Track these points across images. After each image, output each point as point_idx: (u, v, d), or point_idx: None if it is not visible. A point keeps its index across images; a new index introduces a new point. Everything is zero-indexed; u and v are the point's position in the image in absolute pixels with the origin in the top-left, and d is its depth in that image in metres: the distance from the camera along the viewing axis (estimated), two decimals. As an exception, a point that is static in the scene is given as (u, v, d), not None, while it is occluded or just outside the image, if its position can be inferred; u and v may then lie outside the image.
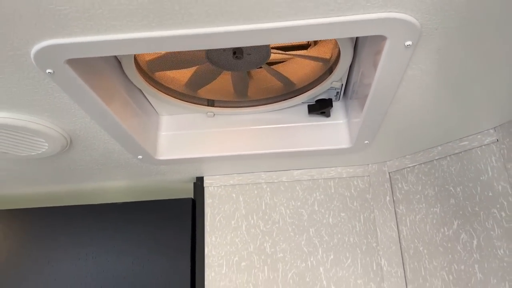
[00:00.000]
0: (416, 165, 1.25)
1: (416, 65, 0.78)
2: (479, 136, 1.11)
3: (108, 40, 0.65)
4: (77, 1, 0.57)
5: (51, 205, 1.40)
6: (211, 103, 1.19)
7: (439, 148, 1.19)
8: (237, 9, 0.60)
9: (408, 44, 0.69)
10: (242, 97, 1.18)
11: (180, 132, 1.21)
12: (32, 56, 0.69)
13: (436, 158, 1.20)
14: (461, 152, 1.15)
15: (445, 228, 1.15)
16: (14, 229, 1.35)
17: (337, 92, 1.14)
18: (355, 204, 1.31)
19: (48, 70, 0.73)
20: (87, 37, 0.65)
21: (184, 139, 1.20)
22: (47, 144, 0.99)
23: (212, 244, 1.31)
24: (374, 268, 1.24)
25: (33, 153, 1.04)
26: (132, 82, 1.00)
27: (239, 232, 1.31)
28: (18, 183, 1.33)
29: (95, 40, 0.65)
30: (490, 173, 1.08)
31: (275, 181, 1.36)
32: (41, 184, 1.36)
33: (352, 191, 1.33)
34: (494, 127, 1.09)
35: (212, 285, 1.26)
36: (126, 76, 0.97)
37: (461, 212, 1.13)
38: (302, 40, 0.68)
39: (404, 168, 1.28)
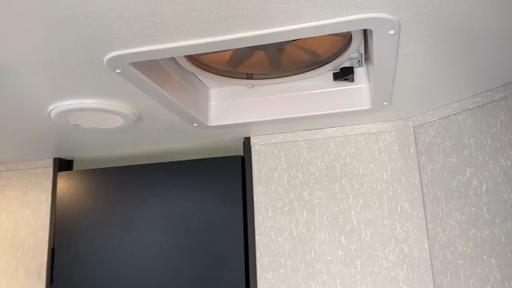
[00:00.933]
0: (436, 119, 1.39)
1: (406, 45, 0.93)
2: (490, 93, 1.22)
3: (156, 50, 0.88)
4: (133, 27, 0.80)
5: (131, 164, 1.72)
6: (250, 76, 1.40)
7: (456, 104, 1.32)
8: (265, 19, 0.80)
9: (391, 32, 0.85)
10: (276, 69, 1.37)
11: (226, 101, 1.44)
12: (105, 62, 0.94)
13: (453, 113, 1.33)
14: (474, 107, 1.27)
15: (460, 176, 1.30)
16: (104, 184, 1.70)
17: (359, 60, 1.29)
18: (382, 156, 1.49)
19: (117, 70, 0.98)
20: (141, 48, 0.88)
21: (231, 107, 1.44)
22: (122, 120, 1.28)
23: (259, 192, 1.57)
24: (399, 211, 1.43)
25: (112, 127, 1.33)
26: (183, 67, 1.23)
27: (281, 183, 1.56)
28: (105, 147, 1.66)
29: (147, 50, 0.88)
30: (499, 126, 1.20)
31: (311, 138, 1.56)
32: (122, 148, 1.68)
33: (380, 144, 1.50)
34: (504, 84, 1.19)
35: (260, 225, 1.53)
36: (178, 63, 1.21)
37: (473, 162, 1.27)
38: (310, 36, 0.86)
39: (426, 123, 1.42)
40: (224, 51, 1.25)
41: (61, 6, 0.73)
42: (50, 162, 1.77)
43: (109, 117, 1.25)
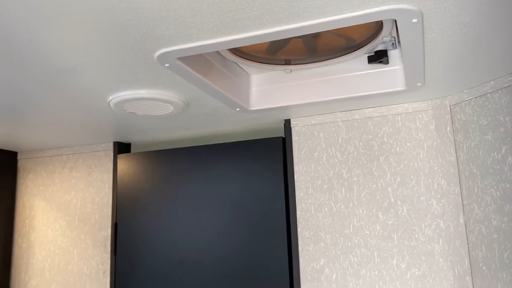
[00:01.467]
0: (472, 98, 1.41)
1: (432, 31, 0.97)
2: (525, 71, 1.23)
3: (198, 46, 0.99)
4: (177, 27, 0.91)
5: (182, 146, 1.87)
6: (288, 62, 1.48)
7: (491, 83, 1.33)
8: (293, 15, 0.88)
9: (414, 21, 0.90)
10: (313, 54, 1.44)
11: (266, 87, 1.53)
12: (155, 58, 1.06)
13: (489, 91, 1.34)
14: (510, 86, 1.28)
15: (495, 153, 1.33)
16: (158, 164, 1.86)
17: (392, 43, 1.34)
18: (419, 134, 1.53)
19: (166, 65, 1.10)
20: (185, 45, 0.99)
21: (271, 91, 1.53)
22: (172, 107, 1.41)
23: (299, 171, 1.66)
24: (435, 188, 1.48)
25: (163, 113, 1.47)
26: (225, 57, 1.34)
27: (320, 162, 1.64)
28: (158, 132, 1.82)
29: (190, 46, 0.99)
30: (535, 104, 1.21)
31: (349, 119, 1.63)
32: (173, 132, 1.83)
33: (417, 123, 1.54)
34: (539, 62, 1.20)
35: (301, 202, 1.64)
36: (220, 54, 1.31)
37: (508, 139, 1.29)
38: (336, 27, 0.93)
39: (462, 102, 1.44)
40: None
41: (116, 13, 0.85)
42: (111, 146, 1.96)
43: (160, 105, 1.39)
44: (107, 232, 1.89)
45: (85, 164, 2.00)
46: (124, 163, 1.89)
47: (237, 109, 1.53)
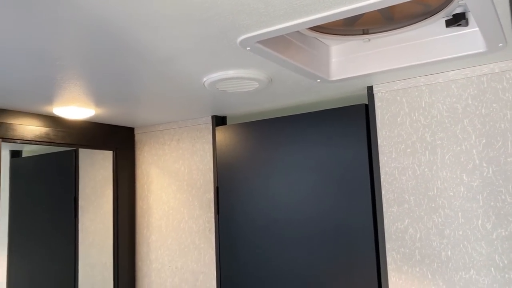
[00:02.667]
0: None
1: (500, -5, 0.98)
2: None
3: (272, 30, 1.11)
4: (253, 17, 1.05)
5: (270, 117, 2.03)
6: (365, 31, 1.53)
7: None
8: None
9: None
10: (390, 22, 1.48)
11: (346, 57, 1.61)
12: (238, 43, 1.21)
13: None
14: None
15: None
16: (250, 134, 2.05)
17: (471, 4, 1.32)
18: (506, 95, 1.49)
19: (247, 48, 1.25)
20: (261, 31, 1.13)
21: (350, 61, 1.60)
22: (257, 84, 1.57)
23: (383, 136, 1.72)
24: (524, 149, 1.45)
25: (250, 89, 1.63)
26: (303, 34, 1.44)
27: (403, 126, 1.68)
28: (248, 105, 2.00)
29: (265, 31, 1.12)
30: None
31: (432, 82, 1.63)
32: (261, 104, 1.99)
33: (504, 83, 1.50)
34: None
35: (385, 166, 1.71)
36: (298, 31, 1.42)
37: None
38: (402, 2, 0.99)
39: (554, 58, 1.37)
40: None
41: (202, 11, 1.01)
42: (209, 119, 2.20)
43: (247, 82, 1.55)
44: (211, 195, 2.15)
45: (189, 136, 2.27)
46: (221, 134, 2.12)
47: (318, 81, 1.63)
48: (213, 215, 2.14)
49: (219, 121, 2.20)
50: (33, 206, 2.09)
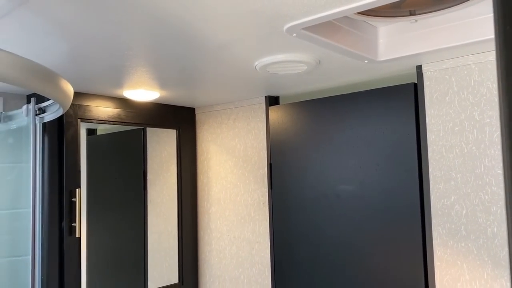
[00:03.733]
0: None
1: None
2: None
3: (315, 18, 1.20)
4: (296, 7, 1.14)
5: (320, 97, 2.12)
6: (412, 12, 1.56)
7: None
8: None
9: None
10: (437, 3, 1.50)
11: (393, 37, 1.65)
12: (284, 31, 1.32)
13: None
14: None
15: None
16: (302, 113, 2.15)
17: (520, -18, 1.31)
18: (560, 72, 1.47)
19: (294, 35, 1.34)
20: (305, 19, 1.22)
21: (398, 42, 1.64)
22: (306, 66, 1.66)
23: (431, 115, 1.76)
24: None
25: (300, 71, 1.73)
26: (350, 17, 1.51)
27: (452, 105, 1.70)
28: (298, 86, 2.09)
29: (309, 19, 1.21)
30: None
31: (482, 61, 1.63)
32: (311, 85, 2.08)
33: (558, 61, 1.47)
34: None
35: (433, 144, 1.74)
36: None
37: None
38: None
39: None
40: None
41: (250, 4, 1.12)
42: (263, 100, 2.32)
43: (296, 65, 1.65)
44: (264, 170, 2.29)
45: (244, 116, 2.41)
46: (274, 114, 2.24)
47: (366, 61, 1.69)
48: (266, 189, 2.28)
49: (272, 101, 2.32)
50: (107, 179, 2.35)
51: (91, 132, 2.46)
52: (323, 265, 2.04)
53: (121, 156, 2.45)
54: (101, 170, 2.34)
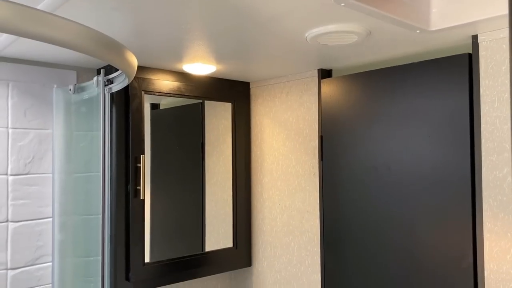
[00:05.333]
0: None
1: None
2: None
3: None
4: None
5: (373, 69, 2.13)
6: (467, -21, 1.54)
7: None
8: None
9: None
10: (492, -32, 1.46)
11: (447, 6, 1.63)
12: (332, 0, 1.36)
13: None
14: None
15: None
16: (354, 86, 2.18)
17: None
18: None
19: (342, 4, 1.38)
20: (354, -12, 1.26)
21: (451, 10, 1.62)
22: (356, 37, 1.69)
23: (485, 86, 1.72)
24: None
25: (350, 42, 1.76)
26: (398, -13, 1.52)
27: (507, 75, 1.66)
28: (350, 58, 2.12)
29: (357, -12, 1.25)
30: None
31: (542, 28, 1.57)
32: (362, 57, 2.10)
33: None
34: None
35: (486, 115, 1.72)
36: (393, -15, 1.50)
37: None
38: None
39: None
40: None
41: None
42: (315, 73, 2.37)
43: (346, 36, 1.68)
44: (316, 143, 2.35)
45: (297, 89, 2.48)
46: (326, 87, 2.28)
47: (417, 31, 1.68)
48: (317, 161, 2.35)
49: (325, 74, 2.36)
50: (169, 150, 2.52)
51: (154, 107, 2.63)
52: (370, 234, 2.08)
53: (182, 129, 2.60)
54: (163, 142, 2.51)
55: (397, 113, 2.00)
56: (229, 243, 2.66)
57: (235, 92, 2.68)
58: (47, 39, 1.11)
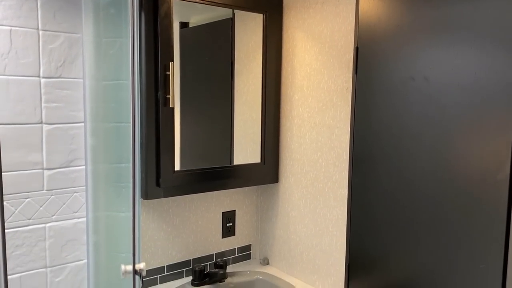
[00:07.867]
0: None
1: None
2: None
3: None
4: None
5: (418, -27, 1.96)
6: None
7: None
8: None
9: None
10: None
11: None
12: None
13: None
14: None
15: None
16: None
17: None
18: None
19: None
20: None
21: None
22: None
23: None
24: None
25: None
26: None
27: None
28: None
29: None
30: None
31: None
32: (409, -42, 1.93)
33: None
34: None
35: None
36: None
37: None
38: None
39: None
40: None
41: None
42: (354, -20, 2.22)
43: None
44: (350, 55, 2.26)
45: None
46: (365, -6, 2.14)
47: None
48: (351, 75, 2.26)
49: (364, -19, 2.20)
50: (199, 68, 2.47)
51: (183, 25, 2.56)
52: (402, 149, 2.03)
53: (211, 47, 2.54)
54: (192, 59, 2.46)
55: (439, 19, 1.86)
56: (257, 159, 2.67)
57: (267, 2, 2.57)
58: None
